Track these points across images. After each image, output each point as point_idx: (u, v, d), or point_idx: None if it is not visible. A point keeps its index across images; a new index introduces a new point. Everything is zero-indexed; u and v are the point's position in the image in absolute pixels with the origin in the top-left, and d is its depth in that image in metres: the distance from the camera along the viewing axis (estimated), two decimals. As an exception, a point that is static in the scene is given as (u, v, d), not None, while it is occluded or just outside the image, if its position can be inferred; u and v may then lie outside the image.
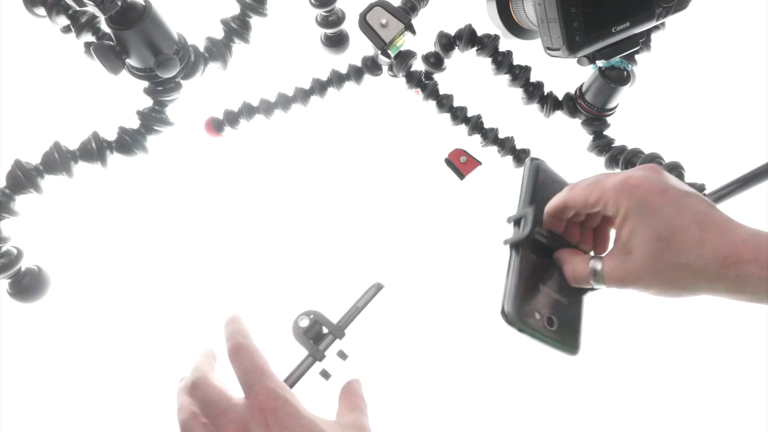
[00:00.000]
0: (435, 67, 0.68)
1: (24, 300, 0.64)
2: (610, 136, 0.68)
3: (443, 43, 0.65)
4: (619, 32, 0.56)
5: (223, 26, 0.64)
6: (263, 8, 0.63)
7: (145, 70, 0.58)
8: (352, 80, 0.71)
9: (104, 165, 0.63)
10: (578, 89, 0.67)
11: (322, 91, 0.71)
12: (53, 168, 0.60)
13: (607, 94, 0.64)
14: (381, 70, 0.70)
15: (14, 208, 0.60)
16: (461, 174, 0.72)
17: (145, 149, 0.64)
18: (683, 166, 0.62)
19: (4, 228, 0.61)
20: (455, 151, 0.73)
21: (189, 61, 0.61)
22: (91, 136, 0.62)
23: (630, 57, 0.63)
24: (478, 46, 0.65)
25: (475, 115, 0.69)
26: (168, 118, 0.64)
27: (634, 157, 0.65)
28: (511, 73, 0.67)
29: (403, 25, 0.62)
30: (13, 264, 0.61)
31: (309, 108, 0.72)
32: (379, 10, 0.62)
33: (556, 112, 0.69)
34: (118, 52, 0.56)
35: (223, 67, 0.65)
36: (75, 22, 0.61)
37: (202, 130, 0.73)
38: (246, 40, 0.64)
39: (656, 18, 0.57)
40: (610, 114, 0.67)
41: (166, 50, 0.57)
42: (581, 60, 0.58)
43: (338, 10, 0.72)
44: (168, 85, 0.61)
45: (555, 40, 0.55)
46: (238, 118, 0.72)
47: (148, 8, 0.55)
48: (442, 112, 0.69)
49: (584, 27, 0.54)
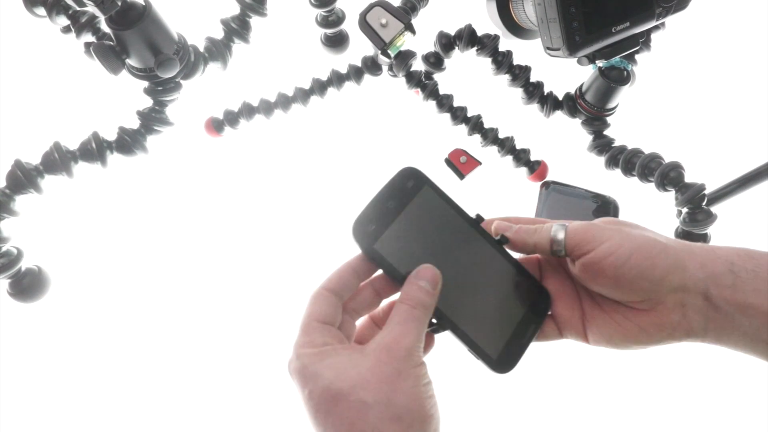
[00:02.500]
0: (435, 67, 0.68)
1: (24, 300, 0.64)
2: (610, 136, 0.68)
3: (443, 43, 0.65)
4: (619, 32, 0.56)
5: (223, 26, 0.64)
6: (263, 8, 0.63)
7: (145, 70, 0.58)
8: (352, 80, 0.71)
9: (104, 165, 0.63)
10: (578, 89, 0.67)
11: (322, 91, 0.71)
12: (53, 168, 0.60)
13: (607, 94, 0.64)
14: (381, 70, 0.70)
15: (14, 208, 0.60)
16: (461, 174, 0.72)
17: (145, 149, 0.64)
18: (683, 166, 0.62)
19: (4, 228, 0.61)
20: (455, 151, 0.73)
21: (189, 61, 0.61)
22: (91, 136, 0.62)
23: (630, 57, 0.63)
24: (478, 46, 0.65)
25: (475, 115, 0.69)
26: (168, 118, 0.64)
27: (634, 157, 0.65)
28: (511, 73, 0.67)
29: (403, 25, 0.62)
30: (13, 264, 0.61)
31: (309, 108, 0.72)
32: (379, 10, 0.62)
33: (556, 112, 0.69)
34: (118, 52, 0.56)
35: (223, 67, 0.65)
36: (75, 22, 0.61)
37: (202, 130, 0.73)
38: (246, 40, 0.64)
39: (656, 18, 0.57)
40: (610, 114, 0.67)
41: (166, 50, 0.57)
42: (581, 60, 0.58)
43: (338, 10, 0.72)
44: (168, 85, 0.61)
45: (555, 40, 0.55)
46: (238, 118, 0.72)
47: (148, 8, 0.55)
48: (442, 112, 0.69)
49: (584, 27, 0.54)
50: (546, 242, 0.40)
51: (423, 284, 0.38)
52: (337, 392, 0.33)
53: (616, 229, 0.38)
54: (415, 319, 0.37)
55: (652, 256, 0.37)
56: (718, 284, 0.36)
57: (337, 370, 0.34)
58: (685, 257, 0.37)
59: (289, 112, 0.72)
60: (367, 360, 0.35)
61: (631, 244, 0.37)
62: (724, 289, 0.36)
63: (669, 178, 0.62)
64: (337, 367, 0.35)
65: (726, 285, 0.36)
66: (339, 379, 0.34)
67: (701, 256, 0.37)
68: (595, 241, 0.38)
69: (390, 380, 0.34)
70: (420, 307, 0.37)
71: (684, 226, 0.62)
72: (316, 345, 0.36)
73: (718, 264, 0.36)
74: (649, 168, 0.63)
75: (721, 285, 0.36)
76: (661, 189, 0.63)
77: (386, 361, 0.34)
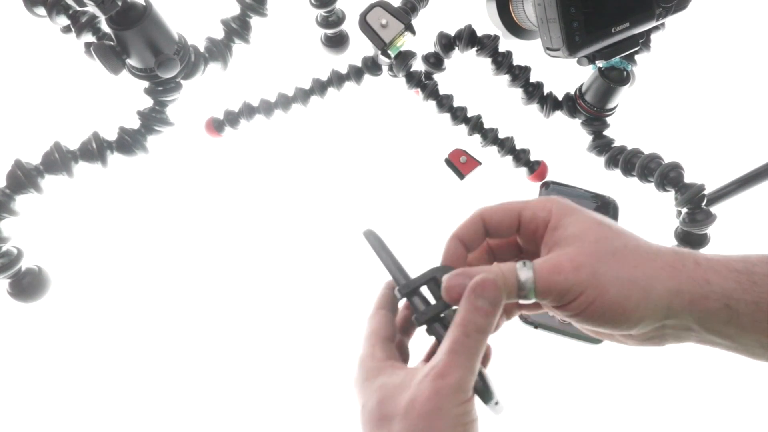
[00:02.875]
0: (435, 68, 0.68)
1: (24, 300, 0.64)
2: (609, 136, 0.68)
3: (443, 44, 0.65)
4: (618, 32, 0.56)
5: (223, 26, 0.64)
6: (263, 8, 0.63)
7: (146, 70, 0.58)
8: (352, 80, 0.71)
9: (104, 165, 0.63)
10: (578, 89, 0.67)
11: (322, 91, 0.71)
12: (53, 168, 0.60)
13: (607, 94, 0.64)
14: (381, 70, 0.70)
15: (14, 208, 0.60)
16: (461, 174, 0.72)
17: (146, 149, 0.64)
18: (683, 167, 0.62)
19: (4, 228, 0.61)
20: (455, 151, 0.73)
21: (189, 61, 0.61)
22: (91, 136, 0.62)
23: (630, 57, 0.63)
24: (478, 47, 0.65)
25: (475, 115, 0.70)
26: (168, 118, 0.64)
27: (634, 157, 0.65)
28: (511, 73, 0.67)
29: (403, 25, 0.62)
30: (13, 264, 0.61)
31: (309, 108, 0.72)
32: (379, 10, 0.62)
33: (556, 113, 0.69)
34: (118, 52, 0.56)
35: (223, 67, 0.65)
36: (75, 22, 0.61)
37: (203, 130, 0.73)
38: (246, 40, 0.64)
39: (656, 18, 0.57)
40: (610, 114, 0.67)
41: (166, 50, 0.57)
42: (581, 60, 0.58)
43: (338, 10, 0.72)
44: (168, 85, 0.61)
45: (555, 40, 0.55)
46: (238, 118, 0.72)
47: (148, 8, 0.55)
48: (442, 112, 0.69)
49: (584, 27, 0.54)
50: (513, 293, 0.34)
51: (481, 303, 0.33)
52: (383, 415, 0.33)
53: (589, 275, 0.33)
54: (467, 349, 0.33)
55: (628, 310, 0.32)
56: (711, 320, 0.32)
57: (388, 392, 0.34)
58: (670, 298, 0.32)
59: (289, 112, 0.72)
60: (415, 389, 0.33)
61: (604, 300, 0.32)
62: (716, 324, 0.32)
63: (669, 178, 0.62)
64: (390, 388, 0.34)
65: (720, 321, 0.32)
66: (388, 401, 0.33)
67: (690, 292, 0.32)
68: (567, 297, 0.33)
69: (429, 416, 0.32)
70: (474, 333, 0.33)
71: (684, 227, 0.62)
72: (378, 359, 0.36)
73: (711, 301, 0.32)
74: (648, 168, 0.63)
75: (713, 321, 0.32)
76: (661, 189, 0.63)
77: (428, 395, 0.32)
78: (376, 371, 0.35)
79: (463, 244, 0.38)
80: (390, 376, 0.35)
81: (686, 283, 0.32)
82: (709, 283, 0.32)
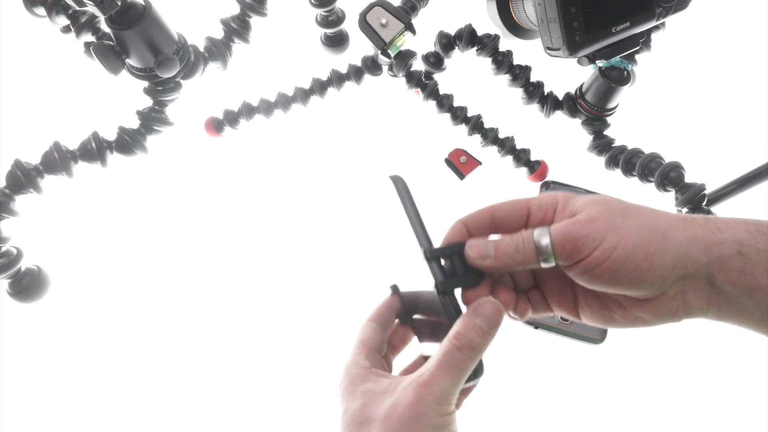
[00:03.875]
0: (435, 67, 0.68)
1: (24, 300, 0.64)
2: (610, 136, 0.68)
3: (443, 43, 0.65)
4: (619, 32, 0.56)
5: (223, 26, 0.64)
6: (263, 8, 0.63)
7: (145, 70, 0.58)
8: (352, 80, 0.71)
9: (104, 165, 0.63)
10: (578, 89, 0.67)
11: (322, 91, 0.71)
12: (53, 168, 0.60)
13: (607, 94, 0.64)
14: (381, 70, 0.70)
15: (14, 208, 0.60)
16: (461, 174, 0.72)
17: (145, 149, 0.64)
18: (683, 166, 0.62)
19: (4, 228, 0.61)
20: (455, 151, 0.73)
21: (189, 61, 0.61)
22: (91, 136, 0.62)
23: (630, 57, 0.63)
24: (478, 46, 0.65)
25: (475, 115, 0.69)
26: (168, 118, 0.64)
27: (634, 157, 0.65)
28: (511, 73, 0.67)
29: (403, 25, 0.62)
30: (13, 264, 0.61)
31: (309, 108, 0.72)
32: (379, 10, 0.62)
33: (556, 112, 0.69)
34: (118, 52, 0.56)
35: (223, 67, 0.65)
36: (75, 22, 0.61)
37: (202, 130, 0.73)
38: (246, 40, 0.64)
39: (656, 18, 0.57)
40: (610, 114, 0.67)
41: (166, 50, 0.57)
42: (581, 60, 0.58)
43: (338, 10, 0.72)
44: (168, 85, 0.61)
45: (555, 40, 0.55)
46: (238, 118, 0.72)
47: (148, 8, 0.55)
48: (442, 112, 0.69)
49: (584, 27, 0.54)
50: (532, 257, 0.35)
51: (479, 322, 0.34)
52: (364, 418, 0.34)
53: (607, 225, 0.34)
54: (456, 363, 0.33)
55: (650, 255, 0.33)
56: (725, 269, 0.33)
57: (371, 397, 0.34)
58: (687, 245, 0.34)
59: (289, 112, 0.72)
60: (399, 394, 0.33)
61: (626, 244, 0.33)
62: (731, 273, 0.33)
63: (669, 178, 0.62)
64: (373, 393, 0.35)
65: (734, 269, 0.33)
66: (370, 405, 0.34)
67: (704, 239, 0.34)
68: (587, 248, 0.34)
69: (407, 423, 0.32)
70: (466, 349, 0.34)
71: (684, 226, 0.62)
72: (364, 366, 0.36)
73: (725, 247, 0.33)
74: (649, 168, 0.63)
75: (728, 269, 0.33)
76: (661, 189, 0.63)
77: (410, 402, 0.33)
78: (360, 378, 0.36)
79: (468, 230, 0.38)
80: (375, 383, 0.35)
81: (700, 231, 0.34)
82: (721, 231, 0.34)
